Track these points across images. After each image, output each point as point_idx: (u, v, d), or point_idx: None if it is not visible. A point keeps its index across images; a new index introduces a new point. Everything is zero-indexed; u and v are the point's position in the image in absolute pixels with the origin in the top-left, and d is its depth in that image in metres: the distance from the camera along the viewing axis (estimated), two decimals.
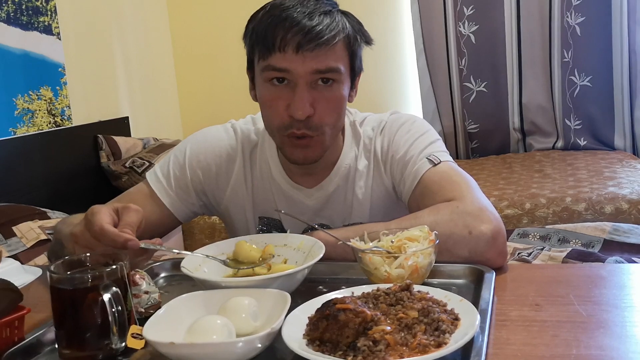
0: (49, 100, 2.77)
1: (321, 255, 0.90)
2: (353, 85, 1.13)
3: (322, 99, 1.05)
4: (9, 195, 2.37)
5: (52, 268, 0.75)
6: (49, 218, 2.12)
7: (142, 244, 0.86)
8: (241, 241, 0.97)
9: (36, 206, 2.23)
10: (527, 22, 3.50)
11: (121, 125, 3.28)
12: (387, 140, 1.18)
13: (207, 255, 0.94)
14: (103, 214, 0.89)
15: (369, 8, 3.66)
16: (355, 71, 1.11)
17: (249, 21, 1.08)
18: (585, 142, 3.50)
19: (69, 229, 1.03)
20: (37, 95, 2.69)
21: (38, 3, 2.72)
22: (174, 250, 0.94)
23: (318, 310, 0.70)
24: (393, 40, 3.77)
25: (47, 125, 2.75)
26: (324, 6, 1.04)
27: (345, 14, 1.09)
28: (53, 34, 2.81)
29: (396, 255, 0.86)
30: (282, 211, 1.11)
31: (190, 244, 2.84)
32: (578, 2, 3.37)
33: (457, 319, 0.71)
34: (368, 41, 1.12)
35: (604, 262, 1.30)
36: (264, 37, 1.03)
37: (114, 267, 0.74)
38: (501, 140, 3.70)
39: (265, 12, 1.05)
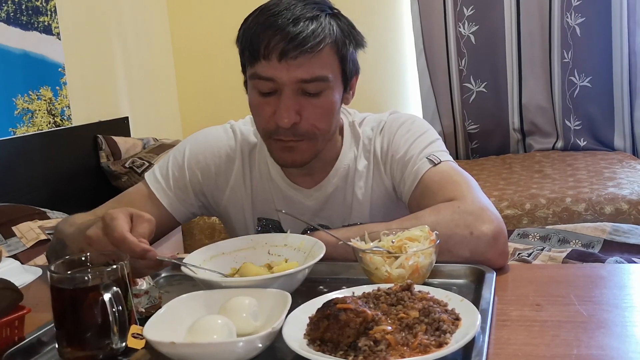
0: (48, 100, 2.76)
1: (322, 255, 0.90)
2: (349, 88, 1.12)
3: (309, 106, 1.04)
4: (8, 195, 2.37)
5: (52, 268, 0.75)
6: (48, 218, 2.12)
7: (159, 257, 0.85)
8: (247, 263, 0.95)
9: (36, 206, 2.23)
10: (527, 23, 3.51)
11: (121, 126, 3.28)
12: (387, 140, 1.18)
13: (219, 273, 0.92)
14: (122, 220, 0.86)
15: (369, 8, 3.66)
16: (348, 75, 1.09)
17: (241, 25, 1.07)
18: (585, 143, 3.51)
19: (72, 229, 1.03)
20: (36, 95, 2.69)
21: (38, 3, 2.72)
22: (189, 265, 0.90)
23: (319, 310, 0.70)
24: (393, 40, 3.78)
25: (46, 125, 2.75)
26: (312, 10, 1.02)
27: (336, 16, 1.06)
28: (53, 34, 2.81)
29: (397, 255, 0.86)
30: (283, 210, 1.11)
31: (190, 245, 2.84)
32: (578, 2, 3.37)
33: (457, 318, 0.71)
34: (360, 44, 1.09)
35: (604, 262, 1.30)
36: (250, 44, 1.02)
37: (115, 266, 0.74)
38: (501, 140, 3.70)
39: (254, 17, 1.04)
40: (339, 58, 1.05)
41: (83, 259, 0.80)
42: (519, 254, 1.43)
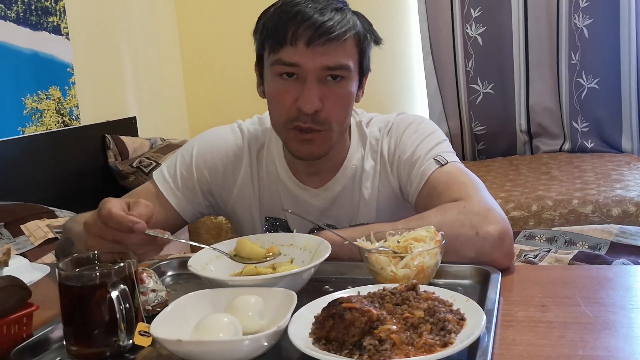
0: (57, 100, 2.78)
1: (327, 254, 0.90)
2: (360, 85, 1.13)
3: (330, 95, 1.06)
4: (17, 194, 2.38)
5: (60, 265, 0.76)
6: (56, 217, 2.13)
7: (148, 231, 0.87)
8: (243, 238, 0.97)
9: (44, 205, 2.25)
10: (535, 24, 3.50)
11: (129, 125, 3.30)
12: (394, 141, 1.18)
13: (213, 248, 0.94)
14: (114, 202, 0.89)
15: (376, 9, 3.66)
16: (363, 70, 1.12)
17: (260, 17, 1.09)
18: (592, 145, 3.49)
19: (79, 228, 1.04)
20: (45, 94, 2.71)
21: (47, 3, 2.74)
22: (181, 240, 0.94)
23: (324, 309, 0.70)
24: (400, 42, 3.77)
25: (55, 124, 2.76)
26: (335, 3, 1.05)
27: (356, 13, 1.10)
28: (62, 34, 2.83)
29: (402, 255, 0.87)
30: (289, 210, 1.11)
31: None
32: (586, 4, 3.36)
33: (463, 319, 0.71)
34: (377, 41, 1.13)
35: (610, 264, 1.30)
36: (275, 31, 1.04)
37: (122, 264, 0.75)
38: (508, 142, 3.69)
39: (277, 7, 1.06)
40: (359, 51, 1.08)
41: (91, 256, 0.80)
42: (525, 255, 1.43)
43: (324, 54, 1.03)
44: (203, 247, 0.95)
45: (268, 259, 0.93)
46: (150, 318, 0.75)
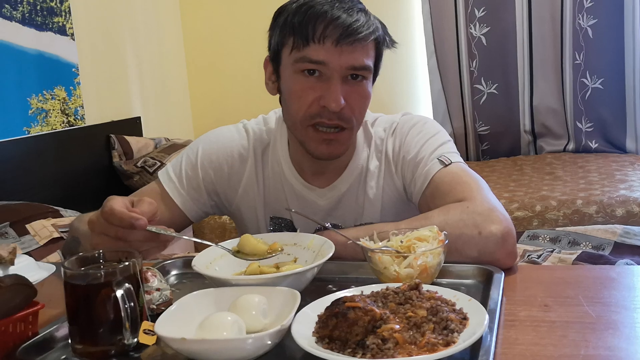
0: (62, 100, 2.79)
1: (331, 254, 0.90)
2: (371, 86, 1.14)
3: (352, 93, 1.07)
4: (22, 193, 2.40)
5: (66, 264, 0.76)
6: (61, 216, 2.14)
7: (150, 227, 0.87)
8: (246, 235, 0.97)
9: (49, 204, 2.26)
10: (539, 24, 3.49)
11: (133, 125, 3.31)
12: (399, 141, 1.19)
13: (216, 245, 0.95)
14: (117, 200, 0.90)
15: (379, 8, 3.63)
16: (376, 72, 1.13)
17: (279, 13, 1.09)
18: (596, 145, 3.49)
19: (85, 227, 1.05)
20: (51, 95, 2.72)
21: (53, 4, 2.75)
22: (184, 237, 0.94)
23: (327, 308, 0.71)
24: (404, 41, 3.77)
25: (60, 124, 2.78)
26: (358, 4, 1.07)
27: (374, 16, 1.10)
28: (67, 35, 2.84)
29: (405, 255, 0.87)
30: (293, 210, 1.11)
31: (201, 244, 2.85)
32: (590, 4, 3.36)
33: (465, 318, 0.71)
34: (391, 45, 1.14)
35: (614, 264, 1.29)
36: (300, 28, 1.04)
37: (127, 263, 0.75)
38: (512, 142, 3.69)
39: (300, 4, 1.06)
40: (376, 54, 1.10)
41: (96, 255, 0.81)
42: (528, 255, 1.43)
43: (351, 54, 1.04)
44: (207, 244, 0.96)
45: (270, 255, 0.94)
46: (154, 317, 0.76)
